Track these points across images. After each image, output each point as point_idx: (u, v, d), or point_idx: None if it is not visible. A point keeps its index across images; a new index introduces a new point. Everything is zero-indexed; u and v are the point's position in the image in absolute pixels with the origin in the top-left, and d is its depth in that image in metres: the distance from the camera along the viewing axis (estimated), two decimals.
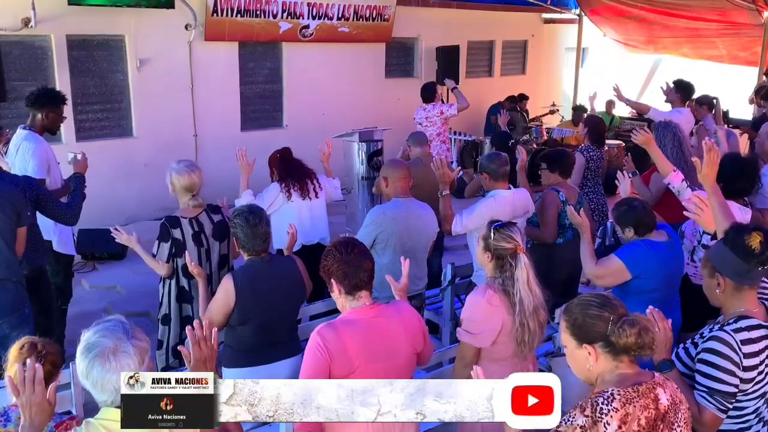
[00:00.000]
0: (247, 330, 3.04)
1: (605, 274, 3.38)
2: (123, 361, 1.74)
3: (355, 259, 2.32)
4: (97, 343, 1.76)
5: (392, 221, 3.76)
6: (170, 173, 3.57)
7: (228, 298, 2.97)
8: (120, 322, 1.84)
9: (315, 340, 2.23)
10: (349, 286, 2.32)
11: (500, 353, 2.69)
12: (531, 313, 2.61)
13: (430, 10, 10.31)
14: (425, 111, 7.23)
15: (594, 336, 1.87)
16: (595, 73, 13.59)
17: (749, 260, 2.22)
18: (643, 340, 1.83)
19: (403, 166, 4.03)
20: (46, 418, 1.81)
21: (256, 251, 3.07)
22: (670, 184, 3.62)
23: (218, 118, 8.30)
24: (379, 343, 2.29)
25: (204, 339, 1.95)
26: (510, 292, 2.62)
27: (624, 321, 1.84)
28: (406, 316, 2.45)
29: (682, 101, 6.38)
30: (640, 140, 3.67)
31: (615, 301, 1.91)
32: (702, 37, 11.19)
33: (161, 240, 3.52)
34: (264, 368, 3.06)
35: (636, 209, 3.37)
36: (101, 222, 6.20)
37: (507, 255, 2.65)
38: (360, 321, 2.31)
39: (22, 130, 4.36)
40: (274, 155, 4.56)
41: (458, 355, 2.78)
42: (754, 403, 2.26)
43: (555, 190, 4.35)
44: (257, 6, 8.13)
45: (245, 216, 3.04)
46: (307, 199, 4.43)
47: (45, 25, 6.75)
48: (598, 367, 1.88)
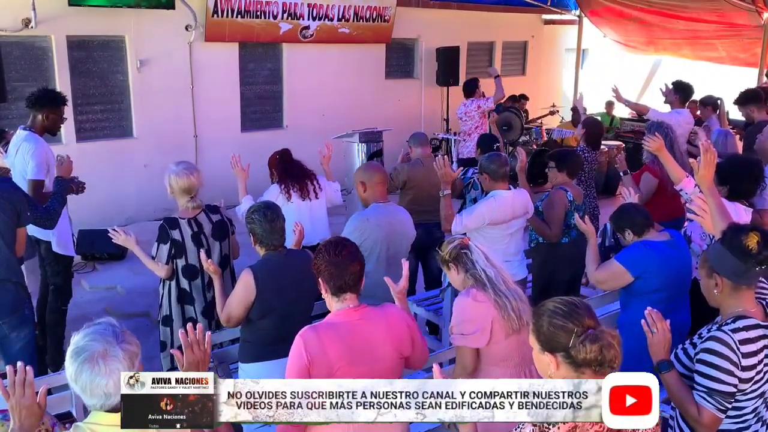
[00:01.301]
0: (266, 323, 3.07)
1: (606, 278, 3.42)
2: (112, 365, 1.73)
3: (342, 261, 2.34)
4: (86, 347, 1.75)
5: (376, 228, 3.71)
6: (169, 175, 3.57)
7: (248, 292, 3.00)
8: (110, 325, 1.82)
9: (297, 343, 2.27)
10: (335, 287, 2.35)
11: (499, 354, 2.70)
12: (503, 283, 2.72)
13: (430, 11, 10.32)
14: (465, 106, 7.46)
15: (555, 346, 1.79)
16: (595, 74, 13.60)
17: (747, 260, 2.22)
18: (604, 357, 1.73)
19: (380, 170, 3.98)
20: (36, 421, 1.80)
21: (274, 246, 3.11)
22: (683, 190, 3.59)
23: (218, 119, 8.30)
24: (360, 346, 2.29)
25: (197, 342, 1.94)
26: (478, 277, 2.74)
27: (586, 336, 1.75)
28: (393, 319, 2.44)
29: (682, 102, 6.37)
30: (653, 147, 3.64)
31: (583, 311, 1.81)
32: (701, 39, 11.19)
33: (160, 242, 3.52)
34: (281, 363, 3.04)
35: (627, 210, 3.42)
36: (101, 222, 6.21)
37: (459, 251, 2.80)
38: (342, 324, 2.33)
39: (22, 130, 4.36)
40: (274, 156, 4.56)
41: (457, 364, 2.79)
42: (752, 403, 2.26)
43: (563, 190, 4.35)
44: (257, 7, 8.14)
45: (263, 212, 3.09)
46: (307, 200, 4.42)
47: (45, 25, 6.75)
48: (558, 376, 1.80)
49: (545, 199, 4.40)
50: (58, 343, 4.49)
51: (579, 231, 4.46)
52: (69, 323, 4.59)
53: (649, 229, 3.36)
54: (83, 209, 6.04)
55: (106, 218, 6.58)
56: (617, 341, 1.76)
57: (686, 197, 3.58)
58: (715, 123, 6.78)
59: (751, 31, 10.28)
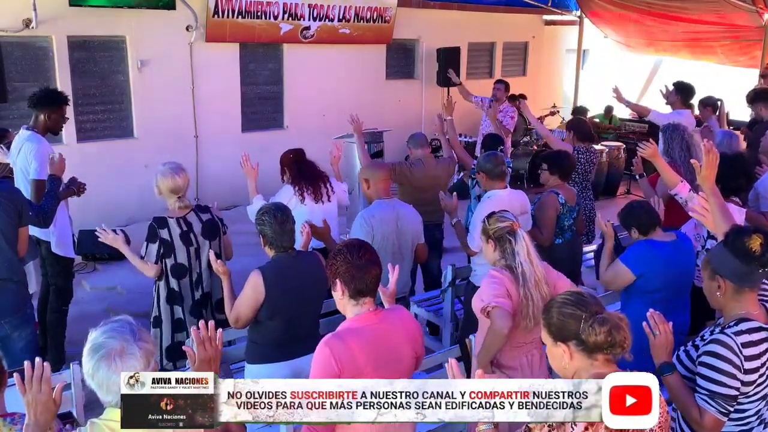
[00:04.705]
0: (275, 324, 3.07)
1: (612, 279, 3.46)
2: (129, 362, 1.74)
3: (364, 264, 2.30)
4: (104, 344, 1.76)
5: (381, 223, 3.79)
6: (156, 176, 3.57)
7: (257, 293, 3.00)
8: (127, 322, 1.83)
9: (324, 352, 2.21)
10: (354, 290, 2.31)
11: (510, 341, 2.72)
12: (534, 285, 2.72)
13: (430, 12, 10.32)
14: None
15: (567, 334, 1.86)
16: (596, 74, 13.60)
17: (749, 262, 2.22)
18: (614, 339, 1.81)
19: (384, 167, 4.06)
20: (51, 417, 1.81)
21: (284, 247, 3.11)
22: (677, 195, 3.62)
23: (219, 120, 8.30)
24: (385, 349, 2.29)
25: (209, 339, 1.94)
26: (512, 267, 2.75)
27: (595, 319, 1.82)
28: (407, 321, 2.47)
29: (683, 103, 6.37)
30: (647, 153, 3.66)
31: (590, 299, 1.90)
32: (701, 41, 11.19)
33: (149, 241, 3.53)
34: (288, 365, 3.08)
35: (636, 209, 3.45)
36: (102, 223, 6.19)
37: (505, 234, 2.80)
38: (366, 328, 2.30)
39: (24, 130, 4.36)
40: (287, 155, 4.48)
41: (489, 331, 2.68)
42: (755, 405, 2.26)
43: (554, 193, 4.35)
44: (258, 7, 8.14)
45: (273, 213, 3.09)
46: (320, 203, 4.38)
47: (46, 26, 6.76)
48: (573, 365, 1.86)
49: (536, 203, 4.40)
50: (59, 343, 4.50)
51: (573, 233, 4.49)
52: (69, 323, 4.60)
53: (655, 229, 3.39)
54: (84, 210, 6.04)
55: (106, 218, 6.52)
56: (625, 323, 1.84)
57: (681, 200, 3.60)
58: (715, 124, 6.77)
59: (752, 32, 10.27)
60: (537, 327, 2.77)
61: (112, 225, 3.86)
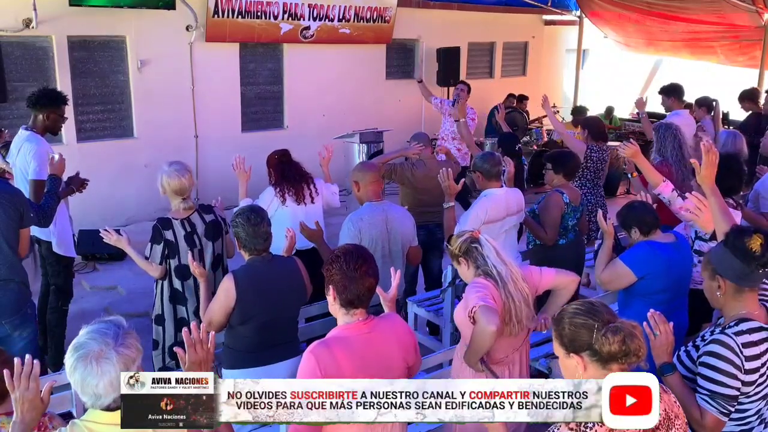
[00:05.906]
0: (247, 330, 3.03)
1: (611, 278, 3.41)
2: (104, 367, 1.71)
3: (359, 277, 2.24)
4: (84, 344, 1.75)
5: (369, 226, 3.71)
6: (161, 175, 3.55)
7: (228, 297, 2.97)
8: (115, 325, 1.80)
9: (309, 360, 2.17)
10: (346, 300, 2.26)
11: (494, 353, 2.70)
12: (513, 285, 2.70)
13: (430, 12, 10.32)
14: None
15: (580, 345, 1.82)
16: (596, 74, 13.61)
17: (750, 263, 2.22)
18: (628, 347, 1.76)
19: (374, 168, 3.96)
20: (37, 415, 1.81)
21: (258, 250, 3.07)
22: (661, 195, 3.64)
23: (219, 119, 8.30)
24: (373, 359, 2.24)
25: (200, 342, 1.92)
26: (488, 272, 2.73)
27: (608, 329, 1.78)
28: (400, 330, 2.40)
29: (678, 103, 6.39)
30: (628, 153, 3.69)
31: (602, 308, 1.86)
32: (701, 41, 11.19)
33: (153, 242, 3.52)
34: (263, 370, 3.04)
35: (636, 209, 3.40)
36: (102, 223, 6.13)
37: (469, 245, 2.80)
38: (354, 338, 2.25)
39: (24, 130, 4.35)
40: (273, 156, 4.49)
41: (476, 328, 2.55)
42: (755, 405, 2.26)
43: (559, 192, 4.35)
44: (258, 7, 8.14)
45: (247, 215, 3.05)
46: (302, 205, 4.34)
47: (46, 25, 6.75)
48: (588, 377, 1.80)
49: (541, 202, 4.40)
50: (59, 343, 4.50)
51: (576, 233, 4.49)
52: (69, 323, 4.60)
53: (656, 230, 3.36)
54: (84, 209, 6.05)
55: (106, 218, 6.57)
56: (639, 331, 1.81)
57: (665, 200, 3.60)
58: (710, 124, 6.78)
59: (752, 32, 10.27)
60: (521, 333, 2.78)
61: (112, 225, 3.86)
